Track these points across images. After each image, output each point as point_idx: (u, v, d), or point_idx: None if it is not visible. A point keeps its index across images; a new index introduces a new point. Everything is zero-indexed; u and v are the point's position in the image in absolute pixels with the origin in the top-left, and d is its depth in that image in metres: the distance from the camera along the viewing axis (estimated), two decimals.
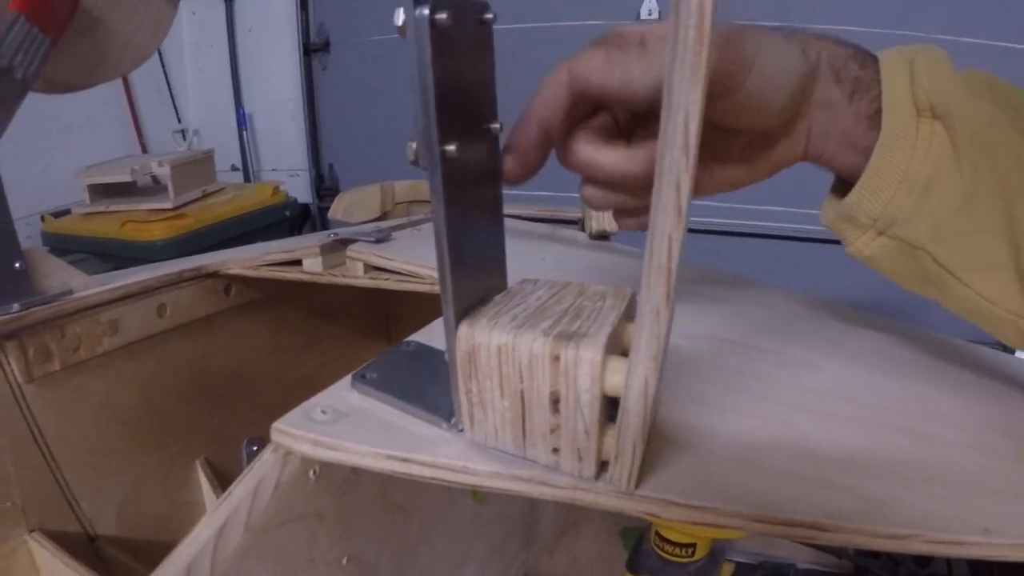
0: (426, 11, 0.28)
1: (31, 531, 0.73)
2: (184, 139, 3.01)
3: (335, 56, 2.78)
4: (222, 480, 0.92)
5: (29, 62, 0.42)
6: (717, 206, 1.99)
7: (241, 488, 0.41)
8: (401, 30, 0.29)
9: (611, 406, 0.31)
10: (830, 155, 0.44)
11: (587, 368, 0.29)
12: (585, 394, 0.30)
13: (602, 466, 0.33)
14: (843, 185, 0.45)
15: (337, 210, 1.23)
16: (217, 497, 0.89)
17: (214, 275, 0.84)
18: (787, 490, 0.33)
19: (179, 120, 3.01)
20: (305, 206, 2.81)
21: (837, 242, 0.46)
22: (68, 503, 0.77)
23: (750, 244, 2.07)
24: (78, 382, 0.75)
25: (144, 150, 2.82)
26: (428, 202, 1.51)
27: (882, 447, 0.38)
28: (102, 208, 2.20)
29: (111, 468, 0.81)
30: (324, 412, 0.40)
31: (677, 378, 0.45)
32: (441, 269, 0.32)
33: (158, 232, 2.09)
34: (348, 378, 0.43)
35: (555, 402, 0.31)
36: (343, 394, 0.42)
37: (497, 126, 0.34)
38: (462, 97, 0.31)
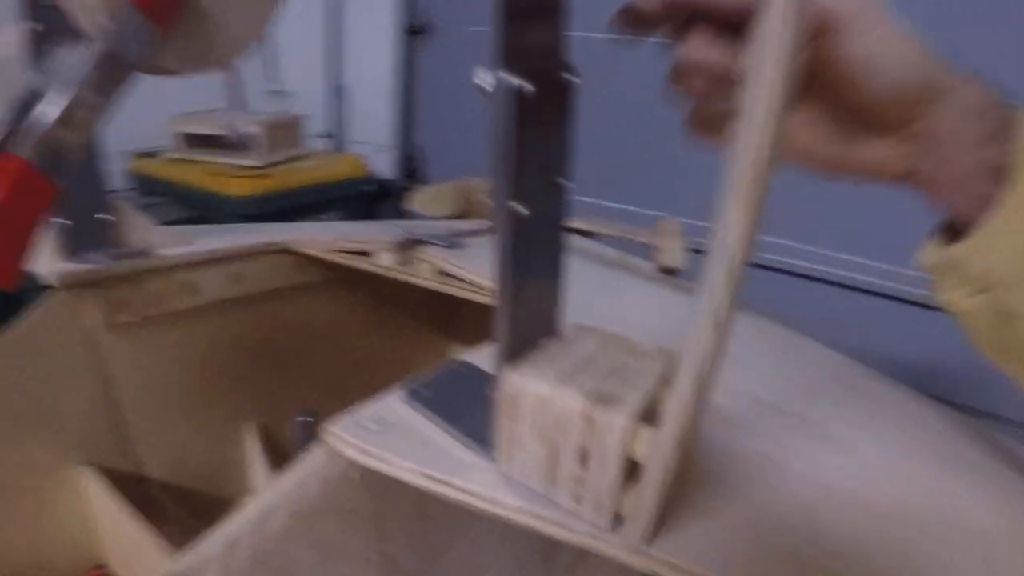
0: (513, 80, 0.30)
1: (86, 464, 0.78)
2: (278, 100, 3.08)
3: (435, 40, 2.81)
4: (271, 443, 0.97)
5: (138, 51, 0.46)
6: (801, 249, 1.95)
7: (290, 476, 0.44)
8: (483, 92, 0.31)
9: (636, 466, 0.33)
10: (936, 187, 0.42)
11: (617, 433, 0.32)
12: (612, 455, 0.32)
13: (619, 519, 0.35)
14: (947, 228, 0.44)
15: (417, 202, 1.26)
16: (263, 459, 0.93)
17: (291, 251, 0.87)
18: (786, 571, 0.35)
19: (274, 81, 3.07)
20: (387, 182, 2.85)
21: (921, 304, 0.45)
22: (124, 444, 0.82)
23: (827, 291, 2.04)
24: (150, 334, 0.79)
25: (240, 105, 2.89)
26: None
27: (891, 542, 0.39)
28: (190, 156, 2.27)
29: (169, 417, 0.85)
30: (375, 423, 0.42)
31: (709, 440, 0.46)
32: (497, 316, 0.35)
33: (240, 188, 2.15)
34: (401, 390, 0.45)
35: (583, 456, 0.33)
36: (395, 406, 0.44)
37: (566, 182, 0.36)
38: (538, 157, 0.33)
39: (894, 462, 0.48)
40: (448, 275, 0.77)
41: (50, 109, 0.42)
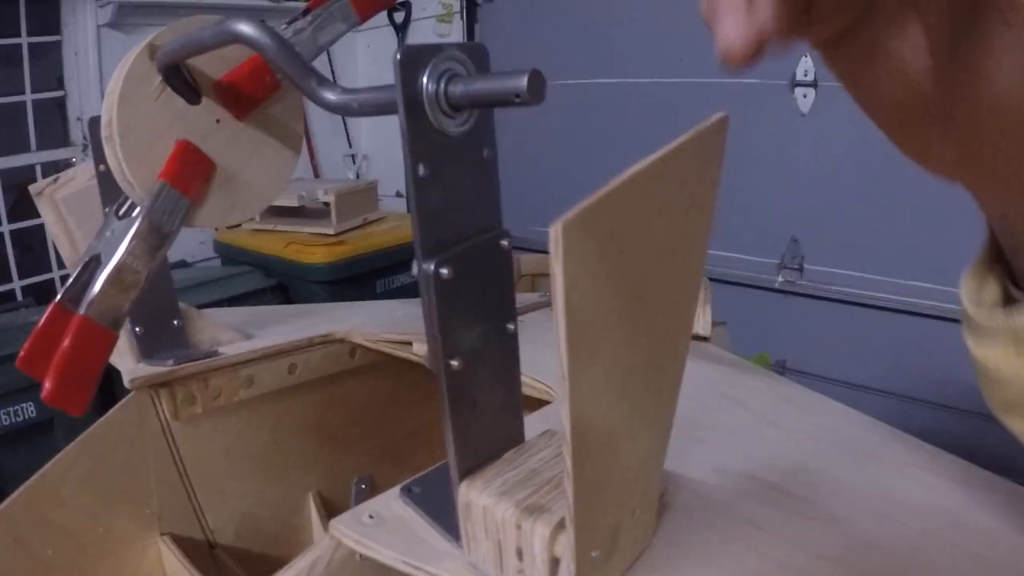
0: (429, 268, 0.38)
1: (162, 534, 0.90)
2: (354, 163, 3.24)
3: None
4: (330, 510, 1.06)
5: (173, 220, 0.56)
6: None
7: (302, 560, 0.53)
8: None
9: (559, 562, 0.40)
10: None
11: (539, 539, 0.39)
12: (538, 556, 0.40)
13: None
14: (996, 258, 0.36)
15: None
16: (323, 524, 1.03)
17: (341, 341, 0.97)
18: None
19: (350, 145, 3.24)
20: None
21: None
22: (196, 515, 0.93)
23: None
24: (215, 422, 0.90)
25: (316, 173, 3.06)
26: None
27: None
28: (270, 226, 2.42)
29: (236, 491, 0.96)
30: (371, 516, 0.51)
31: (680, 521, 0.50)
32: (447, 447, 0.43)
33: (318, 256, 2.28)
34: (398, 488, 0.54)
35: (520, 554, 0.41)
36: (390, 502, 0.52)
37: (513, 327, 0.45)
38: (475, 314, 0.42)
39: (872, 536, 0.50)
40: None
41: (102, 275, 0.53)
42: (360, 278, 2.36)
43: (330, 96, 0.44)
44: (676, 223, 0.35)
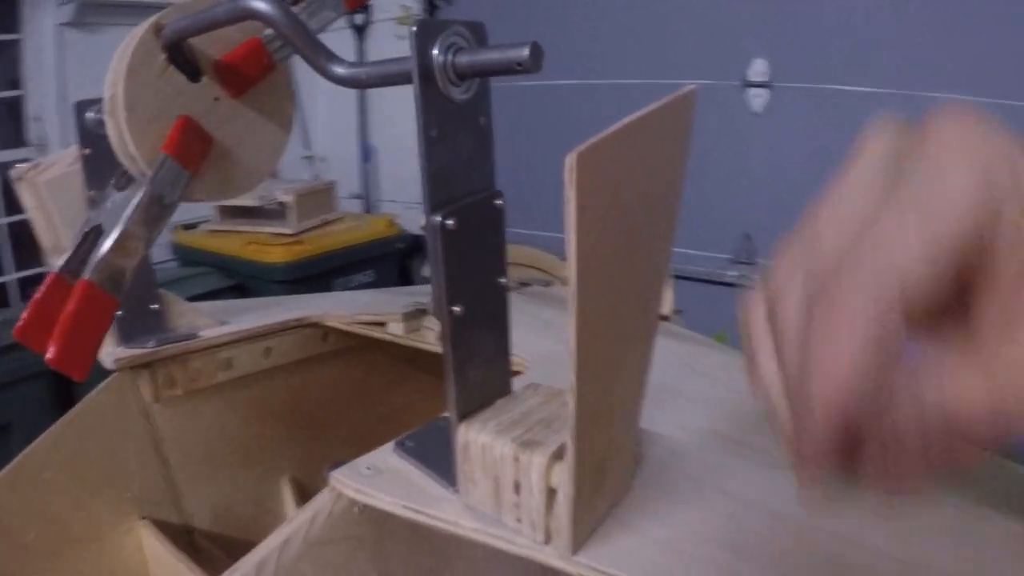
0: (436, 219, 0.42)
1: (142, 518, 0.92)
2: (311, 165, 3.25)
3: None
4: (304, 495, 1.09)
5: (173, 191, 0.59)
6: None
7: (304, 513, 0.55)
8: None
9: (555, 493, 0.44)
10: None
11: (536, 469, 0.43)
12: (535, 485, 0.43)
13: (549, 534, 0.45)
14: None
15: None
16: (297, 509, 1.05)
17: (314, 325, 1.00)
18: (700, 572, 0.44)
19: (308, 147, 3.25)
20: (418, 238, 2.98)
21: None
22: (174, 500, 0.95)
23: None
24: (194, 405, 0.92)
25: (274, 173, 3.06)
26: (524, 265, 1.64)
27: (809, 560, 0.46)
28: (229, 227, 2.43)
29: (213, 475, 0.98)
30: (368, 469, 0.54)
31: (655, 469, 0.54)
32: (448, 390, 0.46)
33: (277, 255, 2.30)
34: (392, 443, 0.57)
35: (517, 487, 0.45)
36: (386, 456, 0.56)
37: (504, 280, 0.48)
38: (470, 268, 0.45)
39: None
40: None
41: (107, 241, 0.55)
42: (318, 277, 2.38)
43: (339, 70, 0.48)
44: (658, 178, 0.39)
